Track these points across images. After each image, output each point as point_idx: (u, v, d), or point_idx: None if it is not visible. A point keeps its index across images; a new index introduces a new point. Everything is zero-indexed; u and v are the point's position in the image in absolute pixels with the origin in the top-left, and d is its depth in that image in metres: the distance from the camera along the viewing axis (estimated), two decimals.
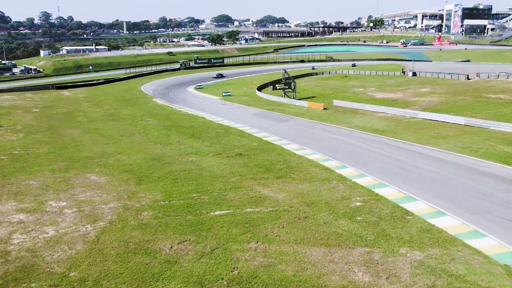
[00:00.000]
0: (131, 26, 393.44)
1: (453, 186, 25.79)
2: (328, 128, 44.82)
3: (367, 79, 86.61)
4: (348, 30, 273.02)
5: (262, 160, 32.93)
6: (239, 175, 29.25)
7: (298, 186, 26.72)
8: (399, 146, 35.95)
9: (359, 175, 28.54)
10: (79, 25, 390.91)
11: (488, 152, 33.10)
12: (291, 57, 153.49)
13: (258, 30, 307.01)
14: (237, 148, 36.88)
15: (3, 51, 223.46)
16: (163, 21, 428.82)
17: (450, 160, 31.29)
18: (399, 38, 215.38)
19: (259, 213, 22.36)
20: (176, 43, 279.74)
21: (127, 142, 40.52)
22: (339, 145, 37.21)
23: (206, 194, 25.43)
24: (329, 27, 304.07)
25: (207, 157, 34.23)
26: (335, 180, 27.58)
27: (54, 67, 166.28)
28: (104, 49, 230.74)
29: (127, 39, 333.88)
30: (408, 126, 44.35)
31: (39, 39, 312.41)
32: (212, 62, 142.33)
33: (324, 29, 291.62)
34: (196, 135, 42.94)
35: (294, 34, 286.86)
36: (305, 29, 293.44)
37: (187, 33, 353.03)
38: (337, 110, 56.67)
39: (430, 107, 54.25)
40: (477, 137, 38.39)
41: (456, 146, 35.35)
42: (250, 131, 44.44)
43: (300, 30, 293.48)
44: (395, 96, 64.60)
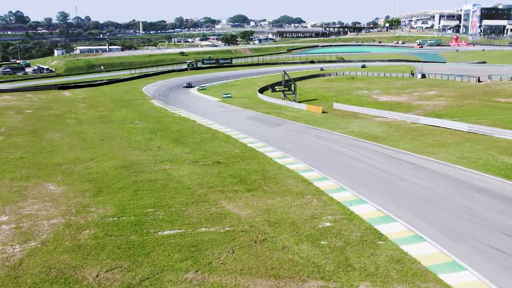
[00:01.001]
0: (147, 26, 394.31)
1: (440, 203, 22.89)
2: (321, 134, 42.08)
3: (374, 81, 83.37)
4: (364, 31, 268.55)
5: (238, 169, 30.44)
6: (208, 186, 26.81)
7: (267, 201, 24.13)
8: (391, 155, 33.06)
9: (338, 189, 25.82)
10: (96, 25, 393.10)
11: (488, 164, 30.02)
12: (301, 57, 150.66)
13: (272, 30, 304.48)
14: (217, 156, 34.46)
15: (18, 51, 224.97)
16: (179, 21, 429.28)
17: (444, 173, 28.33)
18: (415, 39, 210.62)
19: (212, 234, 19.85)
20: (190, 43, 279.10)
21: (105, 147, 38.43)
22: (327, 153, 34.46)
23: (163, 209, 23.03)
24: (344, 27, 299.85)
25: (182, 165, 31.88)
26: (310, 195, 24.91)
27: (66, 67, 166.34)
28: (117, 49, 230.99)
29: (142, 39, 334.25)
30: (406, 133, 41.36)
31: (56, 38, 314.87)
32: (220, 62, 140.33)
33: (339, 29, 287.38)
34: (179, 140, 40.68)
35: (308, 34, 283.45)
36: (320, 30, 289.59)
37: (202, 33, 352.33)
38: (336, 114, 53.83)
39: (434, 111, 51.03)
40: (479, 145, 35.25)
41: (454, 156, 32.31)
42: (238, 136, 42.02)
43: (315, 31, 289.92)
44: (400, 99, 61.41)
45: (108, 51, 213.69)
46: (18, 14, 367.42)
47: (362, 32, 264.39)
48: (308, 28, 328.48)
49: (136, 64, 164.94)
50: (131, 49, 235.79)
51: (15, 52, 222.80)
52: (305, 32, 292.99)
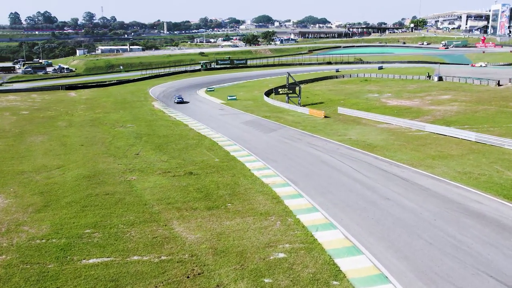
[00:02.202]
0: (171, 27, 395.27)
1: (422, 231, 19.50)
2: (315, 141, 38.82)
3: (388, 84, 79.25)
4: (388, 31, 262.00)
5: (209, 182, 27.62)
6: (166, 202, 24.07)
7: (224, 222, 21.18)
8: (382, 168, 29.61)
9: (309, 209, 22.67)
10: (122, 25, 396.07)
11: (490, 181, 26.32)
12: (318, 58, 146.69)
13: (294, 31, 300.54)
14: (193, 165, 31.74)
15: (41, 50, 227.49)
16: (204, 21, 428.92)
17: (436, 191, 24.79)
18: (441, 40, 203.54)
19: (142, 265, 17.03)
20: (212, 44, 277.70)
21: (80, 154, 36.20)
22: (312, 164, 31.23)
23: (103, 229, 20.36)
24: (368, 27, 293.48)
25: (151, 176, 29.26)
26: (275, 216, 21.83)
27: (86, 67, 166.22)
28: (138, 49, 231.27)
29: (165, 39, 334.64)
30: (408, 141, 37.72)
31: (80, 38, 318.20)
32: (234, 63, 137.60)
33: (362, 30, 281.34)
34: (162, 147, 38.14)
35: (331, 35, 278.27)
36: (343, 30, 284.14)
37: (225, 33, 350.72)
38: (339, 119, 50.36)
39: (444, 118, 47.04)
40: (485, 158, 31.44)
41: (454, 171, 28.66)
42: (224, 143, 39.24)
43: (338, 31, 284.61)
44: (410, 103, 57.42)
45: (129, 51, 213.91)
46: (46, 14, 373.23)
47: (386, 33, 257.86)
48: (332, 28, 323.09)
49: (155, 64, 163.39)
50: (151, 49, 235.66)
51: (40, 51, 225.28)
52: (328, 33, 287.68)
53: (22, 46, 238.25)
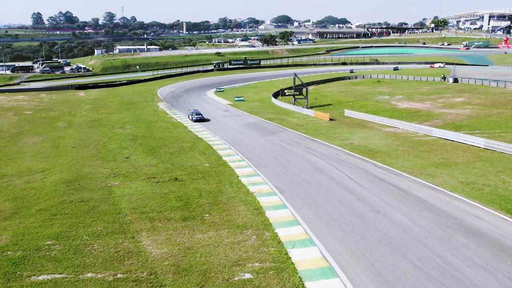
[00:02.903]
0: (190, 27, 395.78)
1: (409, 251, 17.61)
2: (313, 146, 36.99)
3: (400, 85, 76.67)
4: (408, 31, 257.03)
5: (192, 189, 26.14)
6: (141, 211, 22.64)
7: (196, 236, 19.63)
8: (379, 177, 27.66)
9: (290, 222, 20.95)
10: (141, 25, 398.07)
11: (494, 193, 24.17)
12: (332, 59, 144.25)
13: (312, 31, 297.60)
14: (181, 170, 30.33)
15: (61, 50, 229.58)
16: (223, 21, 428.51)
17: (433, 203, 22.78)
18: (462, 40, 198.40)
19: (94, 284, 15.61)
20: (230, 44, 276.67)
21: (69, 156, 35.19)
22: (305, 171, 29.44)
23: (65, 241, 19.04)
24: (388, 27, 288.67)
25: (134, 182, 27.93)
26: (252, 229, 20.19)
27: (103, 66, 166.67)
28: (155, 49, 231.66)
29: (183, 39, 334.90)
30: (412, 147, 35.59)
31: (100, 38, 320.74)
32: (248, 63, 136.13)
33: (382, 30, 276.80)
34: (154, 150, 36.88)
35: (350, 35, 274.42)
36: (362, 30, 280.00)
37: (244, 33, 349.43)
38: (344, 122, 48.37)
39: (455, 122, 44.64)
40: (492, 167, 29.20)
41: (456, 180, 26.55)
42: (219, 146, 37.79)
43: (356, 31, 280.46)
44: (421, 106, 54.99)
45: (146, 51, 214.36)
46: (67, 14, 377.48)
47: (405, 33, 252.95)
48: (352, 29, 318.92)
49: (172, 64, 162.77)
50: (168, 49, 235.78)
51: (59, 51, 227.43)
52: (346, 33, 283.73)
53: (42, 46, 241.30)
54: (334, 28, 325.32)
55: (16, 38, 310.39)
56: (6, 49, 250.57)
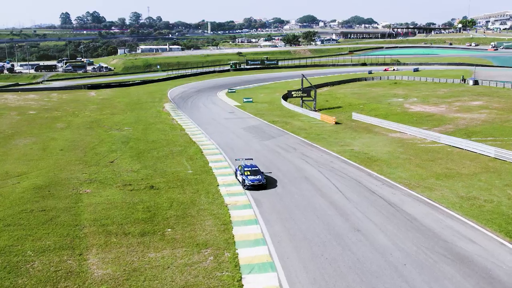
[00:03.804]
0: (215, 27, 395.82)
1: (381, 282, 15.34)
2: (309, 152, 34.67)
3: (417, 87, 73.25)
4: (434, 32, 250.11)
5: (165, 199, 24.33)
6: (101, 224, 20.94)
7: (148, 254, 17.76)
8: (371, 189, 25.21)
9: (257, 241, 18.85)
10: (167, 25, 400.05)
11: (496, 211, 21.48)
12: (352, 60, 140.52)
13: (336, 31, 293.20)
14: (161, 177, 28.62)
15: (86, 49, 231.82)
16: (248, 21, 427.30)
17: (424, 223, 20.29)
18: (491, 41, 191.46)
19: None
20: (252, 44, 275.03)
21: (53, 160, 33.97)
22: (292, 181, 27.27)
23: (6, 257, 17.61)
24: (415, 28, 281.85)
25: (108, 189, 26.30)
26: (212, 248, 18.17)
27: (124, 66, 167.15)
28: (177, 48, 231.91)
29: (207, 39, 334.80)
30: (416, 155, 32.90)
31: (125, 38, 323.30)
32: (265, 63, 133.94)
33: (407, 30, 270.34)
34: (142, 154, 35.30)
35: (374, 35, 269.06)
36: (387, 30, 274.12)
37: (268, 34, 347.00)
38: (350, 126, 45.80)
39: (468, 127, 41.54)
40: (499, 179, 26.39)
41: (455, 195, 23.92)
42: (211, 151, 35.99)
43: (381, 31, 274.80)
44: (435, 110, 51.84)
45: (168, 51, 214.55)
46: (94, 14, 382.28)
47: (432, 33, 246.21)
48: (378, 29, 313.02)
49: (192, 64, 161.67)
50: (190, 49, 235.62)
51: (84, 50, 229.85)
52: (371, 33, 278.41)
53: (67, 45, 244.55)
54: (360, 28, 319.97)
55: (44, 38, 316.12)
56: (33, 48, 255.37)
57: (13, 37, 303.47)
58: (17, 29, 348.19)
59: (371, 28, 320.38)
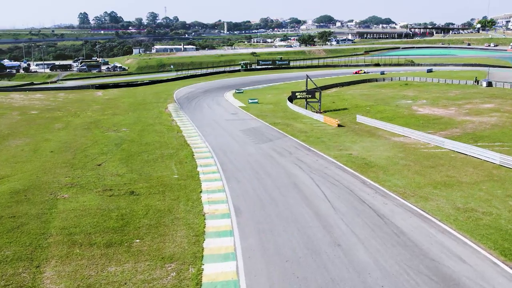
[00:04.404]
0: (232, 27, 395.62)
1: None
2: (305, 157, 33.21)
3: (428, 89, 71.01)
4: (452, 32, 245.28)
5: (142, 206, 23.20)
6: (68, 233, 19.89)
7: (108, 269, 16.58)
8: (362, 198, 23.66)
9: (227, 256, 17.53)
10: (184, 25, 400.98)
11: (494, 225, 19.78)
12: (365, 60, 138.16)
13: (352, 31, 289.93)
14: (145, 182, 27.53)
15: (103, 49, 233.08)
16: (264, 21, 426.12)
17: (412, 238, 18.72)
18: (511, 41, 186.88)
19: None
20: (268, 44, 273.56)
21: (40, 162, 33.17)
22: (280, 188, 25.84)
23: None
24: (433, 28, 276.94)
25: (87, 194, 25.28)
26: (177, 262, 16.92)
27: (138, 66, 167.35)
28: (192, 48, 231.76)
29: (223, 39, 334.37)
30: (416, 161, 31.18)
31: (142, 38, 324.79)
32: (276, 64, 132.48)
33: (424, 30, 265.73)
34: (132, 157, 34.30)
35: (391, 35, 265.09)
36: (404, 31, 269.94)
37: (284, 33, 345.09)
38: (353, 129, 44.15)
39: (475, 132, 39.56)
40: (502, 189, 24.61)
41: (452, 206, 22.23)
42: (203, 154, 34.85)
43: (398, 32, 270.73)
44: (444, 112, 49.81)
45: (183, 51, 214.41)
46: (112, 14, 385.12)
47: (450, 34, 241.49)
48: (396, 29, 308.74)
49: (206, 64, 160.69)
50: (205, 49, 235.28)
51: (100, 50, 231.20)
52: (388, 33, 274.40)
53: (84, 45, 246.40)
54: (377, 29, 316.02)
55: (62, 38, 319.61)
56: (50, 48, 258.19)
57: (32, 37, 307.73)
58: (36, 29, 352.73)
59: (389, 28, 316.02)
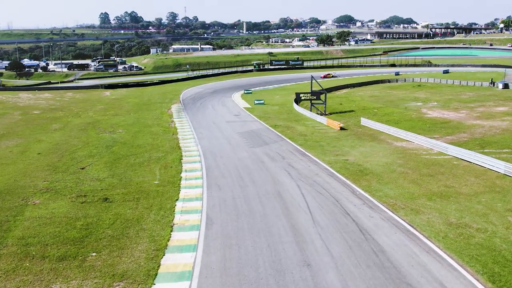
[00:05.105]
0: (251, 26, 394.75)
1: None
2: (297, 162, 31.52)
3: (442, 90, 68.35)
4: (474, 32, 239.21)
5: (112, 215, 22.03)
6: (25, 243, 18.74)
7: (52, 286, 15.48)
8: (347, 210, 21.92)
9: (182, 275, 16.07)
10: (203, 25, 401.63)
11: (486, 244, 17.87)
12: (381, 61, 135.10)
13: (371, 31, 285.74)
14: (123, 188, 26.32)
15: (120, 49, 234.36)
16: (283, 21, 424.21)
17: (391, 257, 16.98)
18: None
19: None
20: (285, 44, 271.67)
21: (23, 165, 32.38)
22: (261, 197, 24.26)
23: None
24: (454, 28, 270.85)
25: (59, 200, 24.22)
26: (126, 281, 15.68)
27: (155, 65, 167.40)
28: (208, 48, 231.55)
29: (241, 39, 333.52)
30: (415, 168, 29.21)
31: (161, 38, 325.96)
32: (290, 64, 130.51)
33: (445, 30, 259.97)
34: (118, 160, 33.20)
35: (411, 35, 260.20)
36: (424, 31, 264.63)
37: (302, 33, 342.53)
38: (355, 132, 42.23)
39: (484, 137, 37.24)
40: (502, 201, 22.63)
41: (444, 221, 20.33)
42: (191, 158, 33.54)
43: (418, 32, 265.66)
44: (454, 116, 47.41)
45: (199, 51, 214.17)
46: (132, 14, 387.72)
47: (471, 34, 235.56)
48: (418, 29, 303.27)
49: (222, 64, 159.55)
50: (222, 48, 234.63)
51: (118, 49, 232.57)
52: (407, 33, 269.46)
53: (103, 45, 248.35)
54: (396, 28, 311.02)
55: (82, 37, 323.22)
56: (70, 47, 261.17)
57: (53, 37, 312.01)
58: (57, 28, 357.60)
59: (410, 28, 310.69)
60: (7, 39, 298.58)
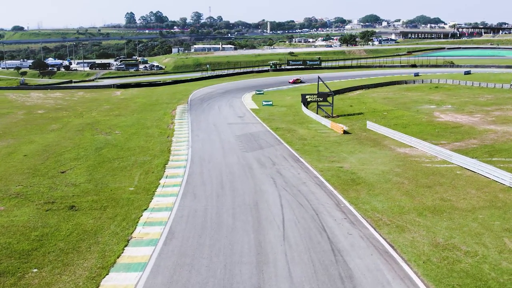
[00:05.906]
0: (275, 26, 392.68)
1: None
2: (286, 169, 29.68)
3: (459, 92, 65.16)
4: (503, 32, 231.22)
5: (72, 225, 20.78)
6: None
7: None
8: (325, 225, 20.02)
9: None
10: (227, 25, 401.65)
11: (472, 272, 15.77)
12: (401, 61, 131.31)
13: (395, 31, 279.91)
14: (95, 195, 25.08)
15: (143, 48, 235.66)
16: (308, 21, 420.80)
17: (361, 285, 14.84)
18: None
19: None
20: (308, 44, 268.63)
21: (5, 167, 31.66)
22: (235, 208, 22.54)
23: None
24: (484, 27, 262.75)
25: (25, 207, 23.11)
26: None
27: (175, 65, 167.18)
28: (230, 48, 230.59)
29: (264, 38, 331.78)
30: (413, 178, 26.98)
31: (184, 37, 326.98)
32: (307, 64, 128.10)
33: (472, 30, 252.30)
34: (101, 164, 32.07)
35: (436, 35, 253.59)
36: (450, 30, 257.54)
37: (327, 33, 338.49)
38: (358, 136, 40.04)
39: (494, 144, 34.57)
40: (501, 219, 20.31)
41: (430, 242, 18.18)
42: (177, 163, 32.21)
43: (444, 32, 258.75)
44: (468, 120, 44.62)
45: (221, 50, 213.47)
46: (157, 14, 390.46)
47: (500, 33, 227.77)
48: (445, 29, 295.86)
49: (242, 63, 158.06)
50: (243, 48, 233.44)
51: (141, 49, 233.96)
52: (433, 33, 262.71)
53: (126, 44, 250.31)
54: (423, 28, 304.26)
55: (107, 37, 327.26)
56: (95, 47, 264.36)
57: (79, 36, 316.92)
58: (83, 28, 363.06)
59: (437, 28, 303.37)
60: (34, 38, 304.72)
